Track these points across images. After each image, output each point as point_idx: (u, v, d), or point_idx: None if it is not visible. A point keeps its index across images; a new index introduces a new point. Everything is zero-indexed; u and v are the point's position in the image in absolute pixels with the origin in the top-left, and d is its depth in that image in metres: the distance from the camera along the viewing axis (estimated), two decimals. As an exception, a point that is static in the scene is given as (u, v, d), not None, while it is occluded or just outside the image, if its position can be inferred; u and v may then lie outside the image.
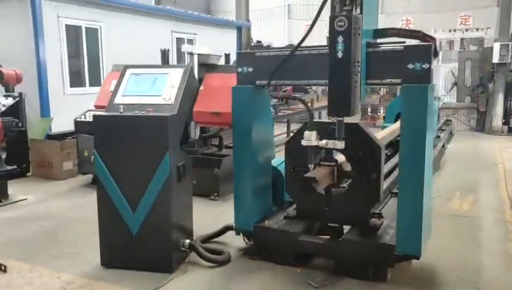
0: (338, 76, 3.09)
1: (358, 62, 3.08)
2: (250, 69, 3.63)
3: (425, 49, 3.05)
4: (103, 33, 9.47)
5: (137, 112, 3.45)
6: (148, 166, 3.39)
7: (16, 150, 6.67)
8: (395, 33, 3.39)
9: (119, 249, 3.56)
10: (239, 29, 14.45)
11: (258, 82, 3.60)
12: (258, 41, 15.14)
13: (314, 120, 3.52)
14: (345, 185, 3.69)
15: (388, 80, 3.23)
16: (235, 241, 4.02)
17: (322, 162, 3.51)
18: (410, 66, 3.06)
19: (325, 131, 3.35)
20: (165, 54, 6.13)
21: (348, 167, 3.56)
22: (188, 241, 3.70)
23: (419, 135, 3.05)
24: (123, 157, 3.45)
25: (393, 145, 5.51)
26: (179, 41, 11.97)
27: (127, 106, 3.54)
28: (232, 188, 3.80)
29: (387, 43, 3.25)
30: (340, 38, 3.04)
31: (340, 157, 3.57)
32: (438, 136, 7.59)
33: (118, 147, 3.46)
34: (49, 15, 8.30)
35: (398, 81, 3.13)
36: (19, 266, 3.66)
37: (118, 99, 3.64)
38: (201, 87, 5.91)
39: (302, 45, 3.41)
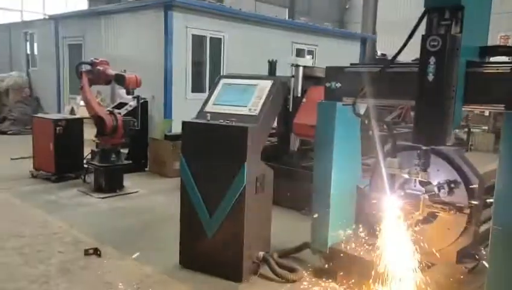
0: (427, 101, 2.80)
1: (453, 86, 2.76)
2: (338, 85, 3.49)
3: (537, 71, 2.60)
4: (226, 43, 10.02)
5: (222, 120, 3.56)
6: (226, 174, 3.48)
7: (137, 147, 7.45)
8: (506, 51, 2.96)
9: (196, 251, 3.71)
10: (363, 41, 14.10)
11: (345, 99, 3.45)
12: (383, 54, 14.49)
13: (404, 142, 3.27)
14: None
15: (489, 105, 2.84)
16: (314, 260, 3.89)
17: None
18: (519, 89, 2.64)
19: (413, 155, 3.08)
20: (272, 64, 6.23)
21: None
22: (262, 253, 3.69)
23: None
24: (205, 163, 3.59)
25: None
26: (300, 52, 12.10)
27: (215, 114, 3.67)
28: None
29: (493, 63, 2.85)
30: (432, 60, 2.75)
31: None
32: None
33: (201, 153, 3.61)
34: (179, 26, 9.05)
35: (501, 107, 2.72)
36: (112, 253, 4.04)
37: (208, 108, 3.80)
38: (304, 100, 5.94)
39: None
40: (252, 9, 20.66)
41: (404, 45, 3.07)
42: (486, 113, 13.33)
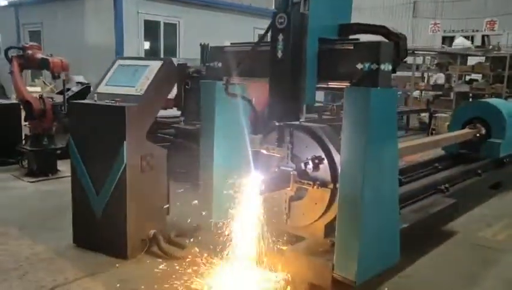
0: (277, 77, 2.86)
1: (302, 63, 2.81)
2: (219, 64, 3.53)
3: (374, 47, 2.64)
4: (181, 28, 10.02)
5: (107, 101, 3.60)
6: (109, 154, 3.53)
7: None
8: (360, 29, 3.00)
9: (87, 230, 3.78)
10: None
11: (224, 78, 3.48)
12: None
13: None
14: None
15: (340, 82, 2.89)
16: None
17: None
18: (359, 66, 2.69)
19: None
20: (204, 48, 6.26)
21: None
22: (152, 231, 3.76)
23: (358, 149, 2.67)
24: (91, 143, 3.65)
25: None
26: (262, 37, 12.09)
27: (104, 95, 3.71)
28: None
29: (344, 40, 2.90)
30: (280, 37, 2.81)
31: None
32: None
33: (87, 133, 3.66)
34: (130, 11, 9.04)
35: (347, 83, 2.78)
36: (13, 233, 4.11)
37: (100, 89, 3.84)
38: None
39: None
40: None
41: (269, 27, 3.08)
42: (452, 97, 13.52)
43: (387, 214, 2.99)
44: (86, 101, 3.70)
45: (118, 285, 3.21)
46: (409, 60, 13.51)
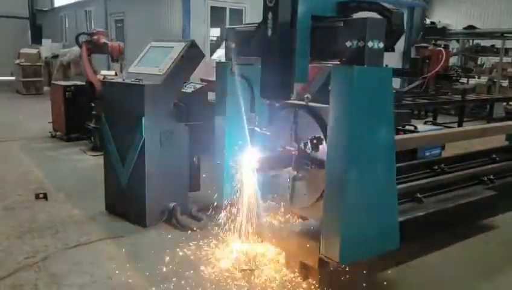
0: (267, 55, 2.87)
1: (292, 41, 2.79)
2: (233, 45, 3.60)
3: (360, 23, 2.55)
4: (247, 14, 10.17)
5: (133, 80, 3.87)
6: (131, 129, 3.80)
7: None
8: (356, 7, 2.88)
9: (114, 199, 4.13)
10: (411, 9, 13.35)
11: (232, 58, 3.55)
12: (432, 23, 13.63)
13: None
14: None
15: (332, 61, 2.83)
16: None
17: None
18: (349, 43, 2.62)
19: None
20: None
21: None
22: (172, 204, 3.99)
23: (342, 131, 2.61)
24: (118, 118, 3.96)
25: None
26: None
27: (133, 75, 3.99)
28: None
29: (333, 18, 2.82)
30: (270, 15, 2.81)
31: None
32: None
33: (115, 108, 3.98)
34: (197, -2, 9.41)
35: (337, 61, 2.72)
36: (60, 198, 4.61)
37: (131, 69, 4.14)
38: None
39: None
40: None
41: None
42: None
43: (380, 200, 2.87)
44: (114, 80, 4.01)
45: (128, 248, 3.49)
46: (498, 43, 12.36)
